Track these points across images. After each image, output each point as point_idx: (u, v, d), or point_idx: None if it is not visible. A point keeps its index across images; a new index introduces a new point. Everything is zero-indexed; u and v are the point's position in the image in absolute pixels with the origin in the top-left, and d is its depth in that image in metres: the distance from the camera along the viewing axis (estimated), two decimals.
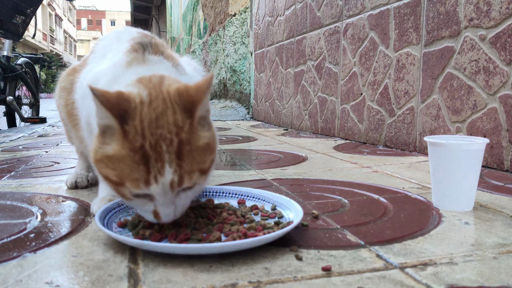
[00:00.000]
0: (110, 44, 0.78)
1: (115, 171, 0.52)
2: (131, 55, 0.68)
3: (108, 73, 0.68)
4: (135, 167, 0.51)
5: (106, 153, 0.52)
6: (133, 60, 0.67)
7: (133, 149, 0.51)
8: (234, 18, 3.66)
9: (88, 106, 0.69)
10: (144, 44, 0.69)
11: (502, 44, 1.15)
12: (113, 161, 0.52)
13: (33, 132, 2.54)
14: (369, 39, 1.74)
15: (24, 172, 1.21)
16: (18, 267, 0.53)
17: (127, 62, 0.67)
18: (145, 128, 0.51)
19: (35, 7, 2.81)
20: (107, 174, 0.53)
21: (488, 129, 1.20)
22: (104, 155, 0.53)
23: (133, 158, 0.51)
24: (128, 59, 0.68)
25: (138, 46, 0.69)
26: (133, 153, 0.51)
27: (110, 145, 0.52)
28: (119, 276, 0.51)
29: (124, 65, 0.67)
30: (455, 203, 0.78)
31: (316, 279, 0.50)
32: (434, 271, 0.52)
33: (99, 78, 0.68)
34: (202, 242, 0.58)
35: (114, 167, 0.52)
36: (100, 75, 0.69)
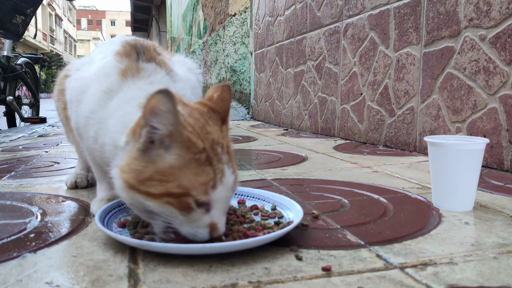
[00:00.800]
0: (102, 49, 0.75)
1: (176, 182, 0.50)
2: (123, 61, 0.65)
3: (99, 81, 0.64)
4: (202, 170, 0.50)
5: (161, 167, 0.50)
6: (127, 69, 0.64)
7: (198, 151, 0.50)
8: (234, 18, 3.66)
9: (75, 111, 0.68)
10: (137, 48, 0.67)
11: (502, 44, 1.14)
12: (172, 171, 0.50)
13: (33, 132, 2.54)
14: (369, 39, 1.74)
15: (24, 172, 1.21)
16: (18, 267, 0.53)
17: (121, 71, 0.64)
18: (200, 133, 0.52)
19: (35, 7, 2.81)
20: (166, 190, 0.50)
21: (488, 129, 1.20)
22: (156, 170, 0.50)
23: (200, 160, 0.50)
24: (121, 66, 0.65)
25: (130, 49, 0.67)
26: (199, 155, 0.50)
27: (165, 156, 0.50)
28: (119, 276, 0.51)
29: (117, 73, 0.64)
30: (455, 203, 0.78)
31: (316, 279, 0.50)
32: (434, 271, 0.52)
33: (88, 86, 0.66)
34: None
35: (175, 178, 0.50)
36: (89, 81, 0.66)
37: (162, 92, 0.48)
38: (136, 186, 0.51)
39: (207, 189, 0.51)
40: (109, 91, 0.63)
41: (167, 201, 0.50)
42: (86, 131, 0.66)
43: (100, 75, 0.65)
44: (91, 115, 0.64)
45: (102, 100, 0.63)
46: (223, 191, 0.52)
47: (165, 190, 0.50)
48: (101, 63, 0.69)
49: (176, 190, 0.50)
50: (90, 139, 0.65)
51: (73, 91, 0.70)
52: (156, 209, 0.52)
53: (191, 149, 0.50)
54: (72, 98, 0.69)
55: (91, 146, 0.67)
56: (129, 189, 0.52)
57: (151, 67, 0.65)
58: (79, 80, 0.70)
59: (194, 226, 0.53)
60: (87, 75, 0.69)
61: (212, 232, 0.54)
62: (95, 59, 0.72)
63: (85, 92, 0.66)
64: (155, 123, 0.50)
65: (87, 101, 0.65)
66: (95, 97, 0.64)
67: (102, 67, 0.67)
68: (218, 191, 0.52)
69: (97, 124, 0.63)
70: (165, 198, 0.50)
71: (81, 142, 0.73)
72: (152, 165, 0.50)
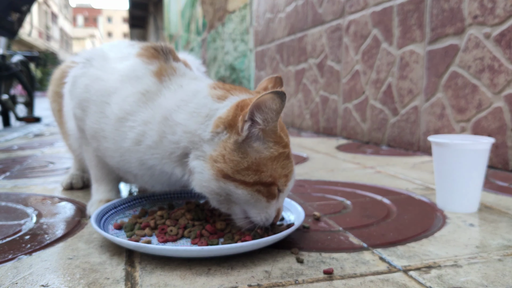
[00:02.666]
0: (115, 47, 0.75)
1: (268, 172, 0.56)
2: (153, 63, 0.66)
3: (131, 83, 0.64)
4: (286, 163, 0.57)
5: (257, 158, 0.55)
6: (161, 70, 0.65)
7: (285, 146, 0.57)
8: (234, 15, 3.64)
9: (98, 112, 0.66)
10: (161, 50, 0.67)
11: (507, 42, 1.13)
12: (266, 163, 0.56)
13: (28, 132, 2.53)
14: (372, 36, 1.72)
15: (19, 172, 1.20)
16: (14, 270, 0.52)
17: (155, 72, 0.65)
18: (283, 128, 0.59)
19: (31, 4, 2.80)
20: (259, 179, 0.55)
21: (493, 129, 1.18)
22: (253, 161, 0.55)
23: (285, 154, 0.57)
24: (153, 68, 0.65)
25: (155, 51, 0.67)
26: (285, 149, 0.57)
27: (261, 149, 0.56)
28: (115, 279, 0.50)
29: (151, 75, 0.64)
30: (459, 204, 0.77)
31: (317, 282, 0.49)
32: (438, 273, 0.51)
33: (115, 87, 0.65)
34: (202, 244, 0.57)
35: (267, 169, 0.56)
36: (116, 83, 0.66)
37: (277, 93, 0.53)
38: (231, 175, 0.55)
39: (287, 181, 0.58)
40: (147, 93, 0.63)
41: (258, 189, 0.56)
42: (121, 133, 0.64)
43: (131, 77, 0.66)
44: (129, 117, 0.63)
45: (141, 102, 0.63)
46: (292, 182, 0.60)
47: (258, 179, 0.55)
48: (125, 64, 0.68)
49: (268, 179, 0.56)
50: (128, 141, 0.63)
51: (92, 90, 0.67)
52: (243, 197, 0.56)
53: (281, 144, 0.57)
54: (92, 98, 0.67)
55: (129, 147, 0.64)
56: (222, 178, 0.56)
57: (182, 66, 0.68)
58: (99, 81, 0.68)
59: (269, 211, 0.58)
60: (110, 77, 0.67)
61: (277, 216, 0.60)
62: (109, 55, 0.72)
63: (113, 94, 0.65)
64: (257, 118, 0.55)
65: (120, 103, 0.64)
66: (132, 99, 0.63)
67: (130, 70, 0.66)
68: (291, 182, 0.60)
69: (141, 126, 0.62)
70: (257, 187, 0.56)
71: (92, 143, 0.70)
72: (249, 156, 0.55)
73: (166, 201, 0.77)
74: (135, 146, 0.63)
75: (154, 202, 0.76)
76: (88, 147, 0.74)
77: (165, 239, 0.59)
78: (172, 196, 0.79)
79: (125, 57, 0.70)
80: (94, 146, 0.71)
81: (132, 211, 0.72)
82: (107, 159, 0.70)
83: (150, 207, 0.75)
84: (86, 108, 0.68)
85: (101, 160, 0.73)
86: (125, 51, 0.72)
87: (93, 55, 0.73)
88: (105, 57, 0.72)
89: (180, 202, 0.78)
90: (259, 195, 0.56)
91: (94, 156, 0.74)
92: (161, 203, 0.77)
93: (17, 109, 3.34)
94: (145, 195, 0.77)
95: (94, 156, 0.74)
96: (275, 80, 0.65)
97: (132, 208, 0.73)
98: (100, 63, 0.71)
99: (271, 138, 0.56)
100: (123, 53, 0.71)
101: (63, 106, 0.83)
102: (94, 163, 0.76)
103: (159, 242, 0.59)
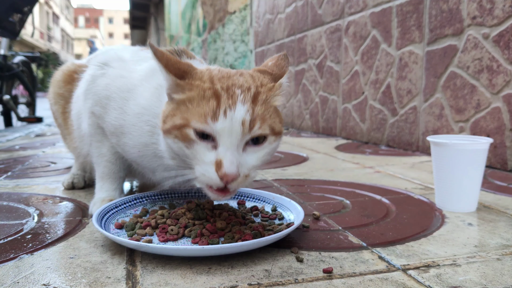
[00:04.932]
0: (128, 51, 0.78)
1: (179, 115, 0.54)
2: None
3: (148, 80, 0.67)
4: (205, 103, 0.52)
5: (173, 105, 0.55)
6: None
7: (203, 89, 0.53)
8: (234, 16, 3.64)
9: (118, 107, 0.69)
10: (175, 51, 0.71)
11: (506, 42, 1.13)
12: (178, 107, 0.54)
13: (30, 132, 2.54)
14: (371, 37, 1.73)
15: (21, 172, 1.20)
16: (15, 269, 0.53)
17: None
18: (214, 80, 0.55)
19: (32, 5, 2.80)
20: (173, 123, 0.54)
21: (492, 129, 1.18)
22: (171, 108, 0.55)
23: (204, 96, 0.53)
24: None
25: (171, 52, 0.70)
26: (204, 92, 0.53)
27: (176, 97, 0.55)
28: (117, 278, 0.50)
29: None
30: (458, 204, 0.77)
31: (317, 281, 0.49)
32: (437, 273, 0.51)
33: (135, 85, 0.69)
34: (202, 244, 0.57)
35: (180, 112, 0.54)
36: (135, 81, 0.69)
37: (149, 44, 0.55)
38: (162, 129, 0.56)
39: (206, 119, 0.52)
40: (160, 87, 0.65)
41: (175, 135, 0.54)
42: (139, 128, 0.67)
43: (149, 76, 0.69)
44: (145, 111, 0.66)
45: (155, 96, 0.66)
46: (226, 122, 0.51)
47: (172, 123, 0.54)
48: (144, 66, 0.71)
49: (178, 121, 0.53)
50: (145, 136, 0.66)
51: (113, 87, 0.71)
52: (172, 146, 0.55)
53: (193, 89, 0.54)
54: (113, 96, 0.70)
55: (146, 142, 0.66)
56: (164, 135, 0.56)
57: (197, 62, 0.70)
58: (120, 78, 0.71)
59: (203, 165, 0.53)
60: (131, 75, 0.71)
61: (217, 169, 0.51)
62: (124, 56, 0.75)
63: (132, 91, 0.68)
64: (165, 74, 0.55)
65: (137, 98, 0.67)
66: (147, 94, 0.66)
67: (149, 68, 0.70)
68: (220, 122, 0.51)
69: (155, 118, 0.64)
70: (174, 132, 0.54)
71: (111, 139, 0.73)
72: (169, 105, 0.56)
73: (167, 201, 0.78)
74: (151, 139, 0.66)
75: (155, 202, 0.77)
76: (102, 144, 0.76)
77: (166, 239, 0.59)
78: (173, 196, 0.79)
79: (143, 59, 0.73)
80: (113, 142, 0.73)
81: (133, 211, 0.72)
82: (127, 154, 0.72)
83: (151, 206, 0.75)
84: (106, 105, 0.71)
85: (114, 156, 0.76)
86: (141, 54, 0.75)
87: (109, 58, 0.76)
88: (121, 59, 0.75)
89: (181, 202, 0.78)
90: (178, 142, 0.54)
91: (107, 152, 0.76)
92: (162, 203, 0.77)
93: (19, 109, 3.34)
94: (146, 194, 0.77)
95: (108, 152, 0.76)
96: (278, 57, 0.64)
97: (133, 207, 0.73)
98: (119, 64, 0.74)
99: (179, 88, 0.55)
100: (140, 56, 0.75)
101: (72, 109, 0.85)
102: (104, 159, 0.77)
103: (160, 242, 0.59)
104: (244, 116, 0.52)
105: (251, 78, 0.57)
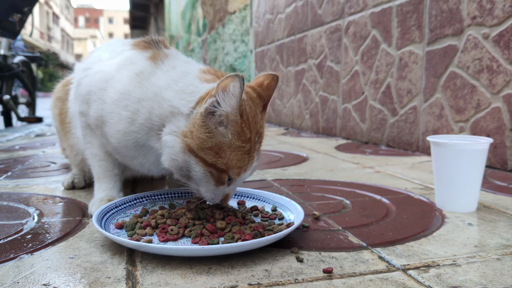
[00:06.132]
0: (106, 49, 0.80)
1: (225, 160, 0.59)
2: (146, 51, 0.71)
3: (127, 68, 0.69)
4: (243, 157, 0.60)
5: (219, 143, 0.59)
6: (155, 55, 0.69)
7: (245, 141, 0.60)
8: (234, 16, 3.64)
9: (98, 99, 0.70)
10: (152, 41, 0.73)
11: (506, 42, 1.13)
12: (225, 150, 0.59)
13: (30, 132, 2.54)
14: (371, 37, 1.73)
15: (21, 172, 1.20)
16: (15, 269, 0.53)
17: (149, 57, 0.69)
18: (251, 123, 0.60)
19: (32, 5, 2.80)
20: (215, 163, 0.59)
21: (492, 129, 1.18)
22: (216, 144, 0.59)
23: (244, 149, 0.60)
24: (147, 54, 0.70)
25: (147, 42, 0.73)
26: (245, 144, 0.60)
27: (224, 134, 0.59)
28: (117, 278, 0.50)
29: (145, 59, 0.69)
30: (458, 204, 0.77)
31: (317, 281, 0.49)
32: (437, 272, 0.51)
33: (112, 75, 0.70)
34: (202, 244, 0.57)
35: (225, 156, 0.59)
36: (112, 71, 0.70)
37: (238, 76, 0.55)
38: (195, 151, 0.59)
39: (240, 172, 0.61)
40: (141, 73, 0.67)
41: (211, 171, 0.60)
42: (116, 115, 0.68)
43: (127, 64, 0.70)
44: (124, 97, 0.67)
45: (135, 81, 0.67)
46: (248, 174, 0.63)
47: (214, 162, 0.59)
48: (120, 57, 0.73)
49: (222, 166, 0.59)
50: (123, 122, 0.67)
51: (92, 82, 0.72)
52: (199, 174, 0.61)
53: (241, 137, 0.59)
54: (92, 89, 0.71)
55: (124, 130, 0.67)
56: (188, 151, 0.60)
57: (174, 51, 0.73)
58: (98, 73, 0.73)
59: (216, 193, 0.63)
60: (107, 68, 0.72)
61: (223, 200, 0.65)
62: (103, 57, 0.77)
63: (110, 80, 0.69)
64: (220, 98, 0.57)
65: (115, 86, 0.68)
66: (126, 80, 0.67)
67: (126, 58, 0.72)
68: (245, 174, 0.62)
69: (135, 104, 0.66)
70: (211, 168, 0.60)
71: (96, 132, 0.74)
72: (214, 137, 0.59)
73: (167, 201, 0.78)
74: (130, 126, 0.67)
75: (155, 202, 0.77)
76: (92, 144, 0.77)
77: (166, 239, 0.59)
78: (173, 196, 0.79)
79: (119, 53, 0.75)
80: (98, 135, 0.74)
81: (133, 211, 0.72)
82: (110, 147, 0.73)
83: (151, 206, 0.75)
84: (88, 100, 0.73)
85: (105, 154, 0.77)
86: (118, 49, 0.77)
87: (89, 62, 0.79)
88: (100, 59, 0.77)
89: (181, 202, 0.78)
90: (211, 178, 0.60)
91: (98, 151, 0.77)
92: (162, 203, 0.77)
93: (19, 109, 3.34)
94: (146, 194, 0.77)
95: (99, 151, 0.77)
96: (272, 78, 0.67)
97: (133, 207, 0.73)
98: (98, 64, 0.76)
99: (233, 127, 0.59)
100: (117, 51, 0.76)
101: (69, 107, 0.88)
102: (97, 159, 0.77)
103: (160, 242, 0.59)
104: (255, 165, 0.64)
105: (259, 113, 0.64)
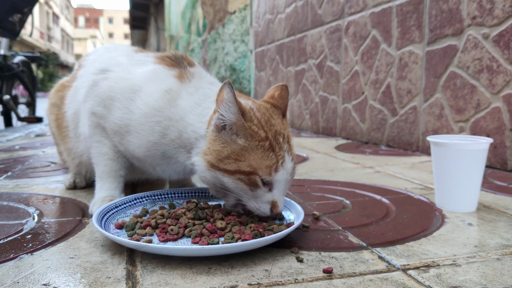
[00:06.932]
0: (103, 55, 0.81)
1: (246, 162, 0.60)
2: (173, 69, 0.73)
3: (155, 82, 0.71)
4: (266, 155, 0.61)
5: (234, 148, 0.61)
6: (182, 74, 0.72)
7: (261, 139, 0.61)
8: (234, 16, 3.64)
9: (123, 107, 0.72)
10: (175, 58, 0.75)
11: (506, 42, 1.13)
12: (243, 153, 0.61)
13: (30, 132, 2.54)
14: (371, 37, 1.73)
15: (21, 172, 1.20)
16: (15, 269, 0.53)
17: (176, 75, 0.72)
18: (264, 125, 0.62)
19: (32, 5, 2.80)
20: (238, 167, 0.60)
21: (492, 129, 1.18)
22: (232, 151, 0.61)
23: (264, 147, 0.61)
24: (174, 72, 0.72)
25: (171, 59, 0.75)
26: (263, 142, 0.61)
27: (237, 140, 0.61)
28: (117, 278, 0.50)
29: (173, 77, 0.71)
30: (458, 204, 0.77)
31: (317, 281, 0.49)
32: (437, 272, 0.51)
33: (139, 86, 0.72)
34: (202, 244, 0.57)
35: (245, 159, 0.60)
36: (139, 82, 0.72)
37: (226, 83, 0.59)
38: (216, 164, 0.62)
39: (270, 171, 0.61)
40: (170, 91, 0.70)
41: (239, 178, 0.61)
42: (148, 128, 0.70)
43: (153, 79, 0.72)
44: (156, 112, 0.69)
45: (166, 98, 0.70)
46: (283, 174, 0.62)
47: (238, 168, 0.60)
48: (145, 68, 0.74)
49: (246, 168, 0.60)
50: (155, 135, 0.70)
51: (116, 89, 0.73)
52: (230, 185, 0.62)
53: (255, 137, 0.61)
54: (117, 96, 0.73)
55: (155, 141, 0.70)
56: (211, 167, 0.62)
57: (199, 70, 0.75)
58: (123, 80, 0.74)
59: (259, 202, 0.63)
60: (133, 78, 0.73)
61: (273, 208, 0.63)
62: (121, 60, 0.79)
63: (138, 92, 0.71)
64: (222, 111, 0.61)
65: (145, 99, 0.70)
66: (157, 95, 0.70)
67: (152, 72, 0.73)
68: (279, 174, 0.62)
69: (167, 121, 0.69)
70: (238, 175, 0.61)
71: (113, 138, 0.75)
72: (229, 146, 0.61)
73: (167, 201, 0.78)
74: (161, 139, 0.70)
75: (155, 202, 0.77)
76: (102, 144, 0.78)
77: (166, 238, 0.59)
78: (173, 196, 0.79)
79: (141, 63, 0.76)
80: (115, 141, 0.75)
81: (133, 211, 0.72)
82: (130, 152, 0.75)
83: (151, 206, 0.75)
84: (109, 105, 0.74)
85: (116, 154, 0.78)
86: (137, 57, 0.79)
87: (108, 64, 0.79)
88: (120, 63, 0.78)
89: (181, 202, 0.78)
90: (242, 183, 0.61)
91: (109, 151, 0.77)
92: (162, 203, 0.77)
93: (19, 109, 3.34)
94: (146, 194, 0.77)
95: (110, 150, 0.77)
96: (281, 88, 0.71)
97: (133, 207, 0.73)
98: (120, 68, 0.77)
99: (243, 131, 0.61)
100: (137, 60, 0.78)
101: (67, 110, 0.89)
102: (105, 158, 0.78)
103: (160, 241, 0.59)
104: (291, 165, 0.64)
105: (279, 118, 0.67)
